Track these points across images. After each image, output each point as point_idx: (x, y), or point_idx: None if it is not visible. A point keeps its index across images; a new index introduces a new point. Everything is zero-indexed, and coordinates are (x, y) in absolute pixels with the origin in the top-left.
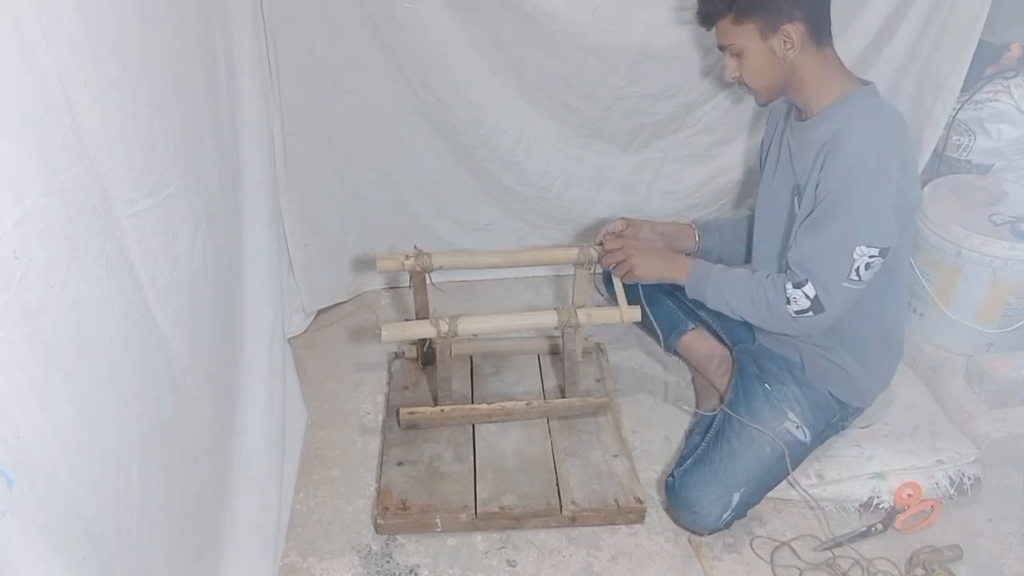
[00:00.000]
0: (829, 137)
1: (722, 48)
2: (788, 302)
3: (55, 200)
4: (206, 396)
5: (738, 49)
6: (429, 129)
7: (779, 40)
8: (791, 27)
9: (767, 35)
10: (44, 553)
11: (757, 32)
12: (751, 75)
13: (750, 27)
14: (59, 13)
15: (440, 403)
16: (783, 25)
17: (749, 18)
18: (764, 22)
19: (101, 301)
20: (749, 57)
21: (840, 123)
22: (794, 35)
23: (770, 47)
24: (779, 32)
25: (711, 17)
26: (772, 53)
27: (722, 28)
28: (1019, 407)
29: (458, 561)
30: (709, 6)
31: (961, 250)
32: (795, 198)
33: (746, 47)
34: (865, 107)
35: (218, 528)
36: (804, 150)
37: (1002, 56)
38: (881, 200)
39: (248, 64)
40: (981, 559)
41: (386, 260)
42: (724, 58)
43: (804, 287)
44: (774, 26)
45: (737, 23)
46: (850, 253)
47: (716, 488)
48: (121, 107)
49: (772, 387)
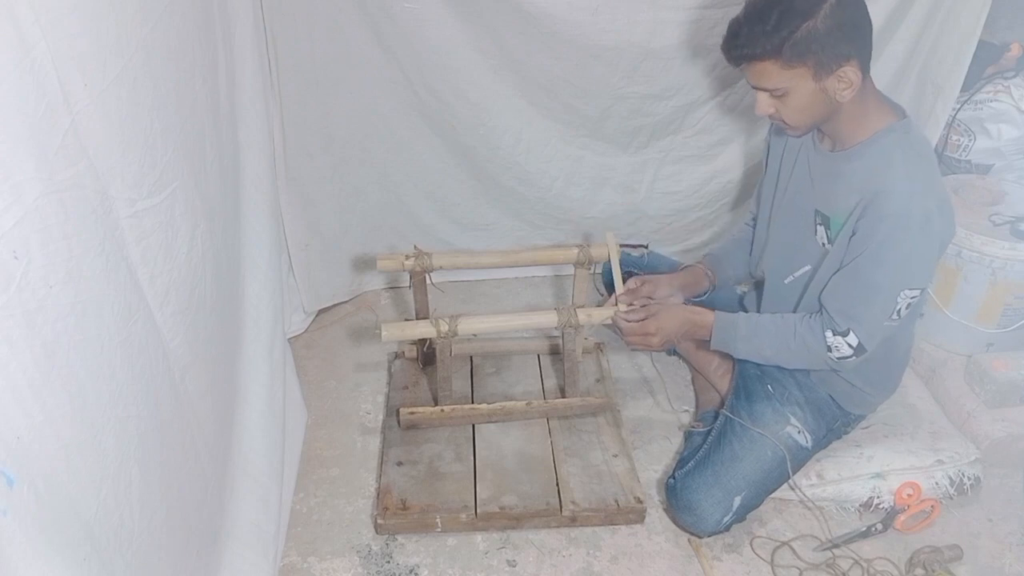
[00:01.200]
0: (866, 181)
1: (759, 89)
2: (829, 349)
3: (54, 200)
4: (206, 396)
5: (783, 92)
6: (429, 129)
7: (834, 81)
8: (849, 68)
9: (821, 77)
10: (44, 553)
11: (810, 75)
12: (794, 114)
13: (802, 70)
14: (58, 13)
15: (440, 403)
16: (842, 67)
17: (803, 61)
18: (819, 64)
19: (100, 301)
20: (795, 98)
21: (877, 164)
22: (852, 76)
23: (823, 88)
24: (835, 73)
25: (750, 59)
26: (824, 93)
27: (764, 70)
28: (1019, 407)
29: (458, 561)
30: (751, 48)
31: (961, 250)
32: (819, 225)
33: (793, 89)
34: (902, 149)
35: (218, 528)
36: (833, 181)
37: (1002, 56)
38: (926, 246)
39: (248, 64)
40: (981, 559)
41: (386, 260)
42: (757, 93)
43: (847, 337)
44: (831, 68)
45: (788, 67)
46: (895, 298)
47: (717, 491)
48: (120, 107)
49: (775, 389)
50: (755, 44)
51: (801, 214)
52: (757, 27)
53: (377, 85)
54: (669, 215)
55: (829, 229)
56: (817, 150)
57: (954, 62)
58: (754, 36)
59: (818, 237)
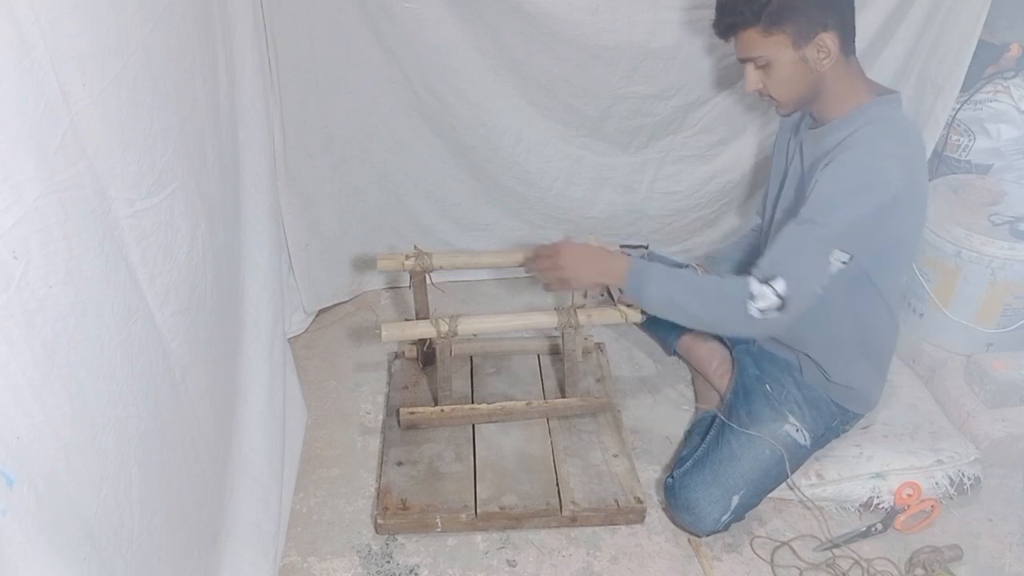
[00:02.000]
0: (841, 140)
1: (744, 60)
2: (751, 298)
3: (54, 200)
4: (206, 396)
5: (766, 61)
6: (429, 129)
7: (813, 49)
8: (826, 36)
9: (800, 45)
10: (44, 553)
11: (789, 42)
12: (779, 86)
13: (781, 37)
14: (58, 12)
15: (440, 403)
16: (819, 34)
17: (781, 28)
18: (797, 31)
19: (100, 301)
20: (778, 68)
21: (854, 127)
22: (830, 44)
23: (803, 57)
24: (813, 41)
25: (734, 28)
26: (804, 63)
27: (747, 39)
28: (1019, 407)
29: (458, 561)
30: (734, 16)
31: (961, 250)
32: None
33: (776, 58)
34: (883, 117)
35: (218, 528)
36: (816, 157)
37: (1002, 56)
38: (873, 209)
39: (248, 64)
40: (981, 559)
41: (386, 260)
42: (745, 69)
43: (773, 282)
44: (808, 35)
45: (767, 33)
46: (826, 255)
47: (716, 490)
48: (120, 107)
49: (773, 389)
50: (736, 12)
51: (796, 205)
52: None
53: (377, 85)
54: (669, 215)
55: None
56: (804, 133)
57: (954, 62)
58: (735, 4)
59: None
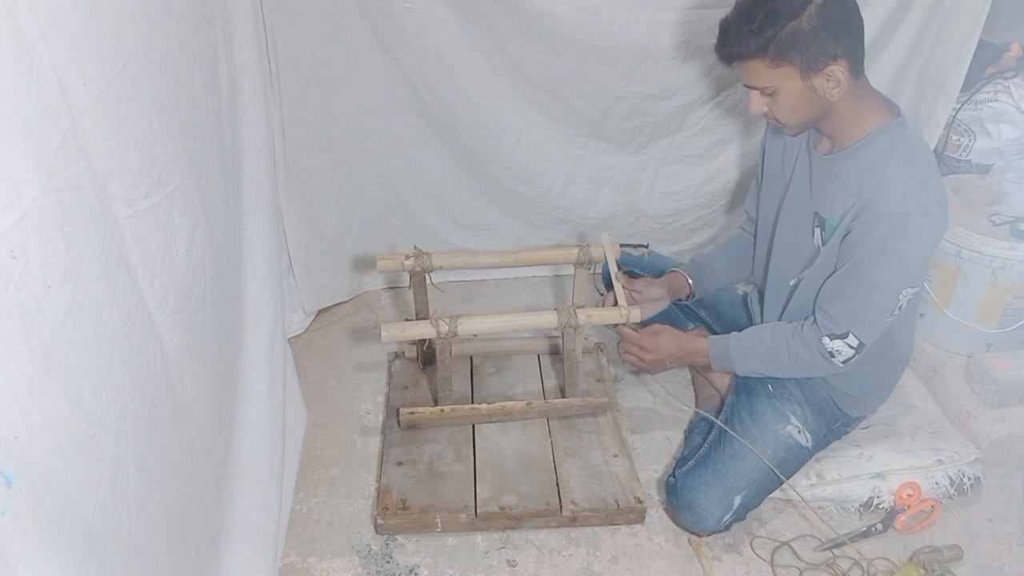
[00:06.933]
0: (861, 181)
1: (750, 87)
2: (830, 355)
3: (53, 200)
4: (204, 396)
5: (773, 90)
6: (429, 129)
7: (822, 79)
8: (836, 67)
9: (808, 75)
10: (43, 553)
11: (797, 73)
12: (786, 113)
13: (789, 69)
14: (58, 12)
15: (440, 403)
16: (828, 66)
17: (788, 60)
18: (806, 63)
19: (99, 301)
20: (786, 97)
21: (872, 164)
22: (840, 75)
23: (811, 87)
24: (822, 72)
25: (739, 58)
26: (812, 92)
27: (753, 69)
28: (1019, 407)
29: (458, 561)
30: (738, 47)
31: (961, 250)
32: (816, 228)
33: (782, 88)
34: (897, 148)
35: (218, 528)
36: (829, 183)
37: (1002, 56)
38: (926, 244)
39: (248, 64)
40: (981, 559)
41: (386, 260)
42: (749, 92)
43: (847, 339)
44: (817, 67)
45: (774, 65)
46: (896, 297)
47: (718, 491)
48: (120, 107)
49: (775, 389)
50: (742, 43)
51: (802, 217)
52: (744, 27)
53: (377, 85)
54: (669, 215)
55: (824, 231)
56: (813, 153)
57: (954, 62)
58: (741, 35)
59: (815, 240)
